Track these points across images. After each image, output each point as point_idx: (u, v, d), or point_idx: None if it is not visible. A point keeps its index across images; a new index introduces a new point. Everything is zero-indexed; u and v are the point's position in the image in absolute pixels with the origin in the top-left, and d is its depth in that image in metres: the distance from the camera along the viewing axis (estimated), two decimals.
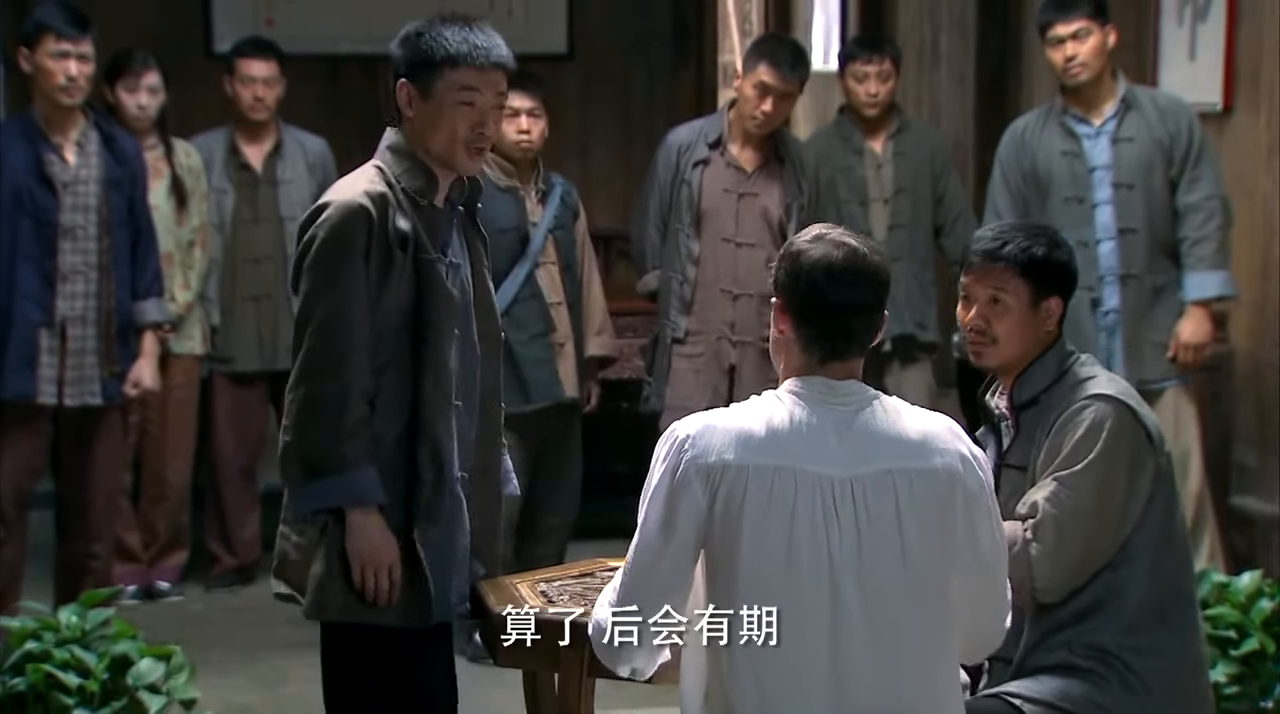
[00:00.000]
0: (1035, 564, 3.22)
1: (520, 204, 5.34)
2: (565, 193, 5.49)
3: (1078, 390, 3.31)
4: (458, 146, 3.34)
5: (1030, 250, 3.33)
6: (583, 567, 3.66)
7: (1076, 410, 3.27)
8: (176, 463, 6.11)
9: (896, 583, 2.67)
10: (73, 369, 5.16)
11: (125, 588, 5.83)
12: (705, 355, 5.45)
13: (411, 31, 3.38)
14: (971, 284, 3.37)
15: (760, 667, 2.67)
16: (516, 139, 5.31)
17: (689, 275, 5.44)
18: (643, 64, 7.78)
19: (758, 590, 2.67)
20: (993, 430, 3.44)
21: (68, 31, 5.14)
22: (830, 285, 2.76)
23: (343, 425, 3.23)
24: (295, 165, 6.19)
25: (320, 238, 3.27)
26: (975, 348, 3.39)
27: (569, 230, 5.47)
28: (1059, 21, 5.28)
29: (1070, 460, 3.25)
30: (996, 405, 3.44)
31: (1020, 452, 3.36)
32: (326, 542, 3.29)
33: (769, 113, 5.39)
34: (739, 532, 2.68)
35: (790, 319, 2.81)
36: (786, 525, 2.66)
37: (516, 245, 5.32)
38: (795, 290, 2.78)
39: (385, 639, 3.32)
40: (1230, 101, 5.64)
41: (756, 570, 2.67)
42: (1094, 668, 3.23)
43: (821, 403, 2.76)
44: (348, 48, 7.24)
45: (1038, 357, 3.36)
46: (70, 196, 5.19)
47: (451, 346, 3.35)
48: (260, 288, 6.17)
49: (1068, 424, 3.27)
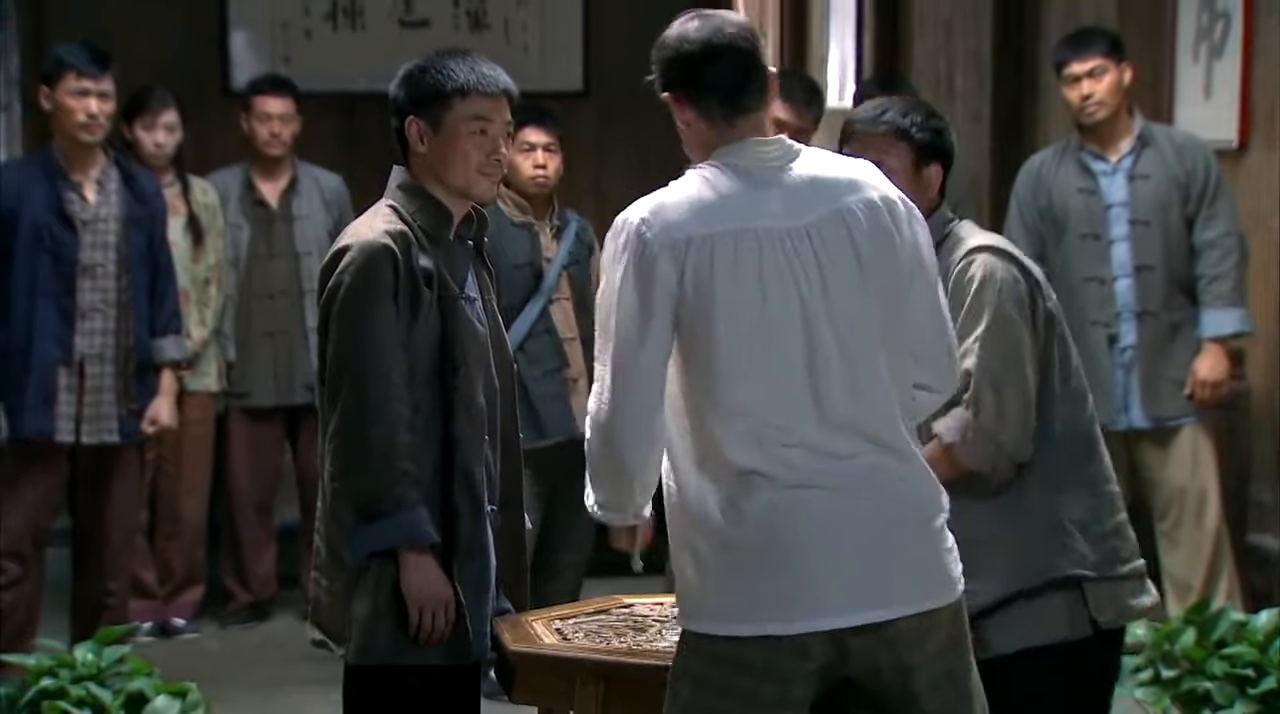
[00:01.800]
0: (995, 432, 3.26)
1: (535, 240, 5.35)
2: (581, 229, 5.51)
3: (958, 249, 3.38)
4: (474, 175, 3.37)
5: (909, 117, 3.42)
6: (598, 604, 3.65)
7: (964, 268, 3.34)
8: (192, 500, 6.12)
9: (862, 315, 2.81)
10: (90, 406, 5.17)
11: (141, 625, 5.82)
12: None
13: (414, 69, 3.40)
14: (855, 154, 3.36)
15: (749, 413, 2.77)
16: (532, 174, 5.33)
17: None
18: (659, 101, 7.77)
19: (736, 353, 2.78)
20: None
21: (88, 69, 5.17)
22: (704, 49, 2.96)
23: (392, 467, 3.24)
24: (311, 201, 6.21)
25: (347, 282, 3.28)
26: None
27: (584, 266, 5.48)
28: (1075, 59, 5.29)
29: (974, 319, 3.29)
30: None
31: None
32: (372, 584, 3.29)
33: None
34: (712, 300, 2.77)
35: (687, 103, 2.98)
36: (757, 284, 2.77)
37: (531, 281, 5.33)
38: (677, 73, 3.00)
39: (423, 679, 3.32)
40: (1246, 139, 5.65)
41: (733, 333, 2.77)
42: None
43: (754, 162, 2.89)
44: (365, 85, 7.25)
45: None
46: (90, 234, 5.20)
47: (479, 381, 3.36)
48: (276, 323, 6.18)
49: (960, 282, 3.32)
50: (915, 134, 3.40)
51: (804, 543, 2.76)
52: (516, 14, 7.73)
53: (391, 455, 3.25)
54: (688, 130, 3.00)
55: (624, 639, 3.36)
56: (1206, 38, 5.83)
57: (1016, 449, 3.29)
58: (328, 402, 3.32)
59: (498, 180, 3.45)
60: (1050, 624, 3.30)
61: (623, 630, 3.41)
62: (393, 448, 3.25)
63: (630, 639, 3.36)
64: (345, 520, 3.28)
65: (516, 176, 5.32)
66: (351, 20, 7.67)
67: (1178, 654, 4.43)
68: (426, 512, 3.28)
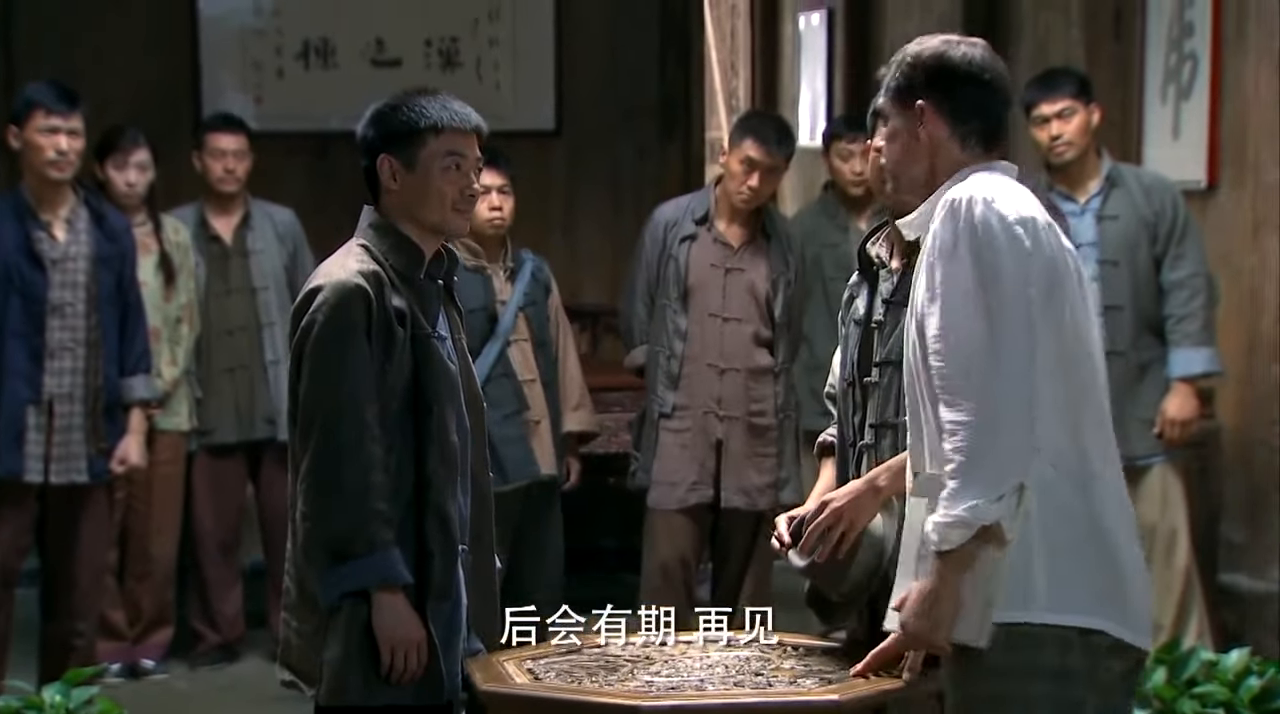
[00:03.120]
0: None
1: (488, 283, 5.32)
2: (536, 269, 5.48)
3: None
4: (449, 211, 3.39)
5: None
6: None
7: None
8: (162, 539, 6.09)
9: None
10: (59, 446, 5.15)
11: (110, 666, 5.78)
12: (692, 430, 5.45)
13: (384, 108, 3.41)
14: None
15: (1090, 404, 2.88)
16: (489, 217, 5.29)
17: (676, 350, 5.45)
18: (630, 140, 7.82)
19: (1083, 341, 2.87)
20: (867, 278, 3.53)
21: (58, 107, 5.17)
22: (991, 78, 2.95)
23: (365, 507, 3.24)
24: (264, 235, 6.22)
25: (320, 321, 3.28)
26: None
27: (541, 306, 5.47)
28: (1044, 100, 5.32)
29: None
30: (878, 254, 3.52)
31: (906, 289, 3.37)
32: (344, 624, 3.28)
33: (756, 188, 5.41)
34: (1063, 286, 2.85)
35: (944, 120, 2.94)
36: (1080, 287, 2.88)
37: (485, 325, 5.30)
38: (947, 88, 2.93)
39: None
40: (1215, 179, 5.68)
41: (1083, 319, 2.87)
42: None
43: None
44: (337, 124, 7.25)
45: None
46: (59, 273, 5.19)
47: (451, 420, 3.36)
48: (236, 359, 6.18)
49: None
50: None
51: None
52: (489, 53, 7.75)
53: (364, 496, 3.24)
54: (926, 144, 2.97)
55: (596, 679, 3.35)
56: (1174, 79, 5.87)
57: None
58: (299, 441, 3.31)
59: (470, 216, 3.47)
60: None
61: (594, 670, 3.41)
62: (366, 488, 3.24)
63: (602, 679, 3.35)
64: (318, 561, 3.27)
65: (474, 220, 5.27)
66: (324, 59, 7.68)
67: (1149, 693, 4.44)
68: (399, 552, 3.27)
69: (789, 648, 3.56)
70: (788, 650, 3.55)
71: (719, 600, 5.58)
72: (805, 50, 9.83)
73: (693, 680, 3.33)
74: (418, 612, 3.30)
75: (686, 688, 3.28)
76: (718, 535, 5.58)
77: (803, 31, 9.89)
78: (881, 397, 3.44)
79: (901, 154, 3.00)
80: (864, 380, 3.47)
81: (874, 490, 3.35)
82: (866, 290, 3.52)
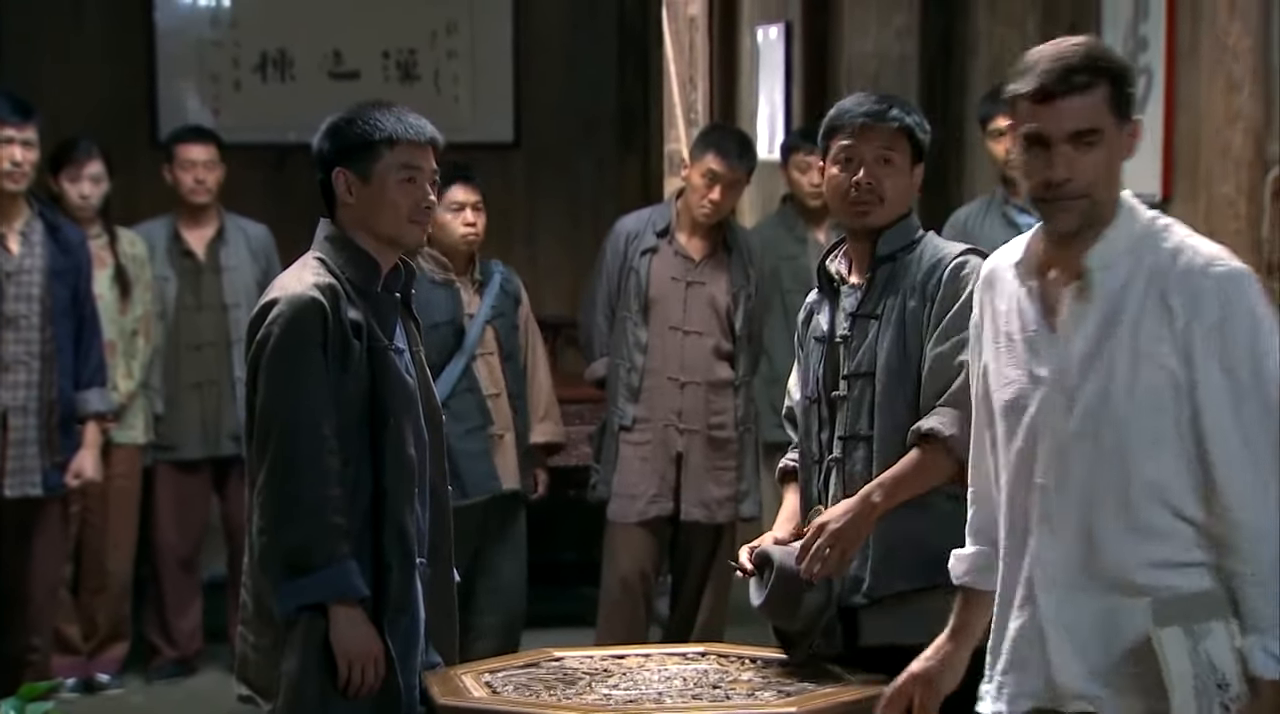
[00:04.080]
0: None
1: (455, 297, 5.32)
2: (505, 280, 5.47)
3: (943, 250, 3.44)
4: (404, 223, 3.38)
5: (912, 115, 3.51)
6: (528, 657, 3.65)
7: (958, 266, 3.39)
8: (118, 554, 6.05)
9: None
10: (14, 460, 5.12)
11: (64, 681, 5.74)
12: (652, 443, 5.45)
13: (339, 120, 3.41)
14: (856, 145, 3.45)
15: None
16: (464, 233, 5.31)
17: (637, 363, 5.44)
18: (589, 152, 7.82)
19: None
20: (829, 295, 3.54)
21: (11, 118, 5.17)
22: None
23: (322, 520, 3.23)
24: (238, 251, 6.19)
25: (276, 334, 3.27)
26: (862, 208, 3.45)
27: (510, 318, 5.46)
28: (1000, 114, 5.35)
29: (965, 317, 3.21)
30: (838, 270, 3.54)
31: (872, 303, 3.45)
32: (301, 638, 3.26)
33: (717, 201, 5.42)
34: None
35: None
36: None
37: (452, 339, 5.30)
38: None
39: None
40: (1169, 191, 5.71)
41: None
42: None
43: None
44: (294, 137, 7.22)
45: (901, 217, 3.49)
46: (13, 286, 5.17)
47: (409, 433, 3.36)
48: (203, 374, 6.15)
49: (954, 278, 3.37)
50: (918, 134, 3.49)
51: None
52: (447, 65, 7.74)
53: (321, 509, 3.23)
54: (1119, 166, 2.77)
55: (554, 692, 3.35)
56: None
57: None
58: (256, 455, 3.31)
59: (426, 228, 3.47)
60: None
61: (552, 684, 3.40)
62: (322, 501, 3.24)
63: (560, 692, 3.35)
64: (274, 574, 3.26)
65: (446, 235, 5.29)
66: (281, 72, 7.66)
67: None
68: (356, 565, 3.26)
69: (747, 660, 3.57)
70: (746, 663, 3.55)
71: (678, 614, 5.59)
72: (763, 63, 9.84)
73: (650, 694, 3.33)
74: (375, 625, 3.29)
75: (644, 701, 3.28)
76: (677, 549, 5.59)
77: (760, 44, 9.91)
78: (852, 410, 3.44)
79: (1108, 168, 2.73)
80: (831, 395, 3.47)
81: (870, 508, 3.33)
82: (828, 307, 3.53)
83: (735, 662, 3.57)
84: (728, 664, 3.55)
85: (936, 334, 3.36)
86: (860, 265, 3.50)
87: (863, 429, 3.42)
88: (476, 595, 5.28)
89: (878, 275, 3.46)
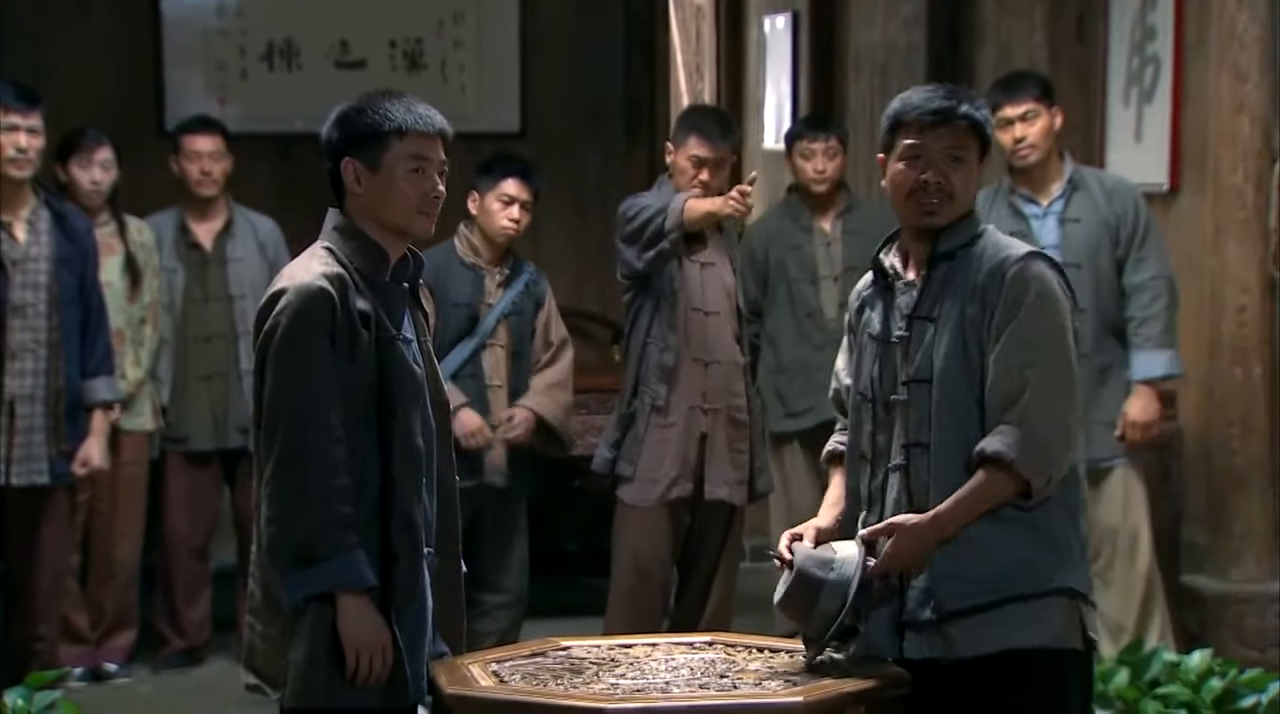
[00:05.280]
0: (1050, 446, 3.24)
1: (480, 282, 5.37)
2: (532, 281, 5.52)
3: (1005, 251, 3.35)
4: (413, 213, 3.37)
5: (981, 110, 3.42)
6: (534, 646, 3.65)
7: (1020, 270, 3.30)
8: (126, 542, 6.06)
9: None
10: (20, 447, 5.13)
11: (72, 669, 5.75)
12: (678, 424, 5.40)
13: (349, 110, 3.40)
14: (924, 142, 3.36)
15: None
16: (505, 226, 5.41)
17: (670, 342, 5.37)
18: (595, 142, 7.81)
19: None
20: (883, 290, 3.45)
21: (16, 104, 5.18)
22: None
23: (330, 511, 3.23)
24: (245, 244, 6.19)
25: (284, 325, 3.27)
26: (932, 206, 3.36)
27: (527, 318, 5.48)
28: (1007, 103, 5.34)
29: (1031, 329, 3.26)
30: (892, 265, 3.45)
31: (929, 304, 3.37)
32: (309, 627, 3.27)
33: (706, 182, 5.40)
34: None
35: None
36: None
37: (466, 322, 5.33)
38: None
39: None
40: (1176, 182, 5.71)
41: None
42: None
43: None
44: (301, 126, 7.23)
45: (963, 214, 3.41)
46: (20, 274, 5.18)
47: (416, 423, 3.36)
48: (212, 366, 6.15)
49: (1016, 284, 3.29)
50: (985, 129, 3.42)
51: None
52: (454, 55, 7.74)
53: (329, 499, 3.23)
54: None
55: (560, 682, 3.35)
56: (1137, 82, 5.90)
57: (1064, 464, 3.29)
58: (264, 445, 3.30)
59: (435, 218, 3.46)
60: (1051, 627, 3.29)
61: (559, 673, 3.41)
62: (330, 491, 3.24)
63: (567, 682, 3.35)
64: (282, 564, 3.26)
65: (488, 222, 5.38)
66: (288, 61, 7.66)
67: (1111, 695, 4.46)
68: (364, 555, 3.26)
69: (754, 650, 3.57)
70: (753, 653, 3.56)
71: (686, 601, 5.55)
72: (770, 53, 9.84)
73: (658, 683, 3.33)
74: (383, 615, 3.29)
75: (651, 690, 3.28)
76: (690, 535, 5.52)
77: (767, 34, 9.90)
78: (914, 416, 3.35)
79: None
80: (889, 398, 3.40)
81: (938, 534, 3.28)
82: (881, 303, 3.45)
83: (742, 651, 3.57)
84: (735, 654, 3.55)
85: (1000, 345, 3.29)
86: (917, 261, 3.41)
87: (926, 436, 3.34)
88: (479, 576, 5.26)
89: (934, 274, 3.37)
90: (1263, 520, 5.44)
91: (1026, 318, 3.27)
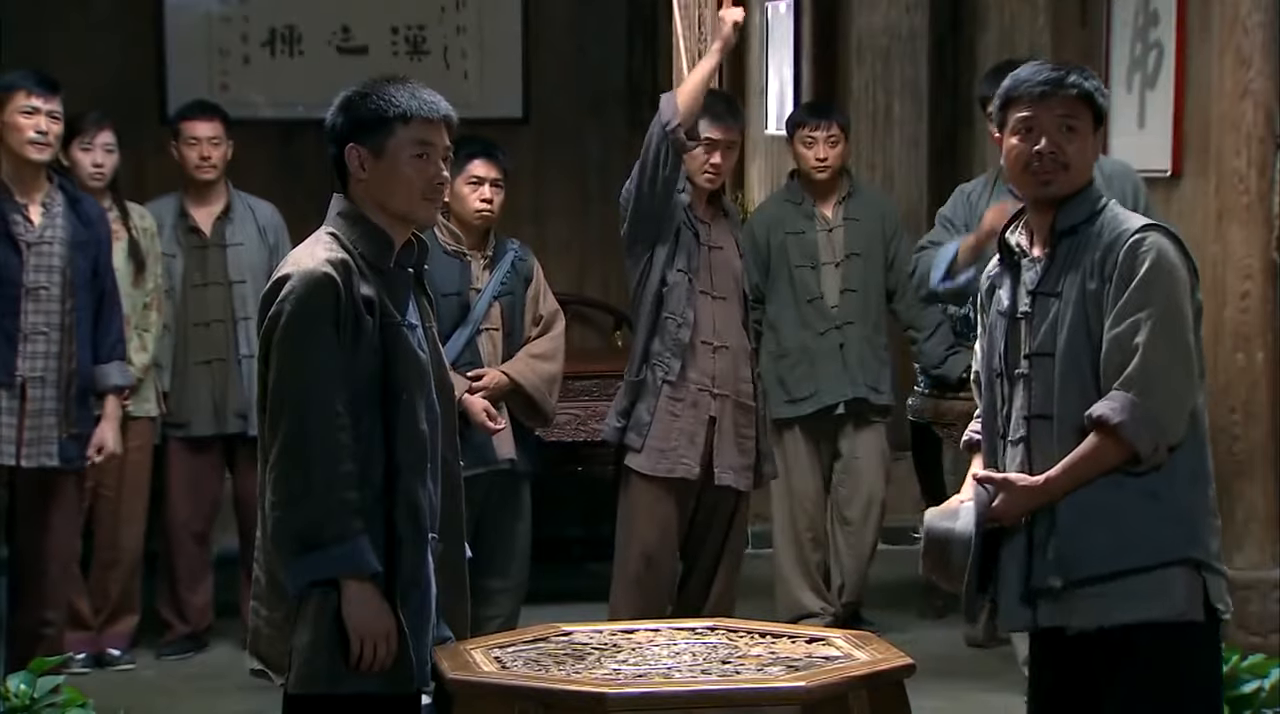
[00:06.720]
0: (1161, 413, 3.28)
1: (465, 269, 5.34)
2: (518, 259, 5.48)
3: (1124, 223, 3.38)
4: (417, 200, 3.37)
5: (1090, 80, 3.44)
6: (536, 632, 3.66)
7: (1136, 242, 3.34)
8: (130, 528, 6.06)
9: None
10: (31, 430, 5.14)
11: (75, 655, 5.76)
12: (685, 402, 5.38)
13: (353, 95, 3.40)
14: (1036, 114, 3.39)
15: None
16: (478, 208, 5.34)
17: (688, 319, 5.36)
18: (597, 128, 7.80)
19: None
20: (1010, 267, 3.49)
21: (38, 89, 5.22)
22: None
23: (334, 496, 3.23)
24: (245, 228, 6.19)
25: (289, 310, 3.27)
26: (1047, 175, 3.39)
27: (517, 297, 5.46)
28: None
29: (1145, 298, 3.29)
30: (1018, 243, 3.49)
31: (1053, 280, 3.41)
32: (314, 613, 3.27)
33: (718, 164, 5.40)
34: None
35: None
36: None
37: (458, 311, 5.31)
38: None
39: (363, 708, 3.31)
40: (1179, 168, 5.71)
41: None
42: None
43: None
44: (303, 112, 7.22)
45: (1082, 187, 3.43)
46: (35, 257, 5.19)
47: (421, 408, 3.36)
48: (211, 351, 6.15)
49: (1133, 255, 3.32)
50: (1098, 99, 3.44)
51: None
52: (456, 41, 7.73)
53: (333, 485, 3.24)
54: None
55: (563, 667, 3.36)
56: (1140, 68, 5.89)
57: (1176, 431, 3.32)
58: (269, 430, 3.31)
59: (439, 205, 3.46)
60: (1171, 600, 3.30)
61: (562, 658, 3.42)
62: (335, 477, 3.24)
63: (570, 667, 3.36)
64: (286, 549, 3.27)
65: (461, 207, 5.33)
66: (290, 47, 7.65)
67: None
68: (368, 541, 3.27)
69: (756, 635, 3.58)
70: (755, 638, 3.56)
71: (691, 586, 5.55)
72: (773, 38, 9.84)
73: (660, 668, 3.34)
74: (387, 600, 3.30)
75: (654, 675, 3.29)
76: (696, 521, 5.51)
77: (770, 19, 9.90)
78: (1039, 388, 3.39)
79: None
80: (1014, 372, 3.44)
81: (1046, 495, 3.34)
82: (1009, 280, 3.49)
83: (744, 637, 3.58)
84: (737, 639, 3.56)
85: (1113, 315, 3.32)
86: (1041, 237, 3.45)
87: (1046, 410, 3.39)
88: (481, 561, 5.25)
89: (1059, 250, 3.41)
90: (1265, 506, 5.44)
91: (1140, 288, 3.30)
